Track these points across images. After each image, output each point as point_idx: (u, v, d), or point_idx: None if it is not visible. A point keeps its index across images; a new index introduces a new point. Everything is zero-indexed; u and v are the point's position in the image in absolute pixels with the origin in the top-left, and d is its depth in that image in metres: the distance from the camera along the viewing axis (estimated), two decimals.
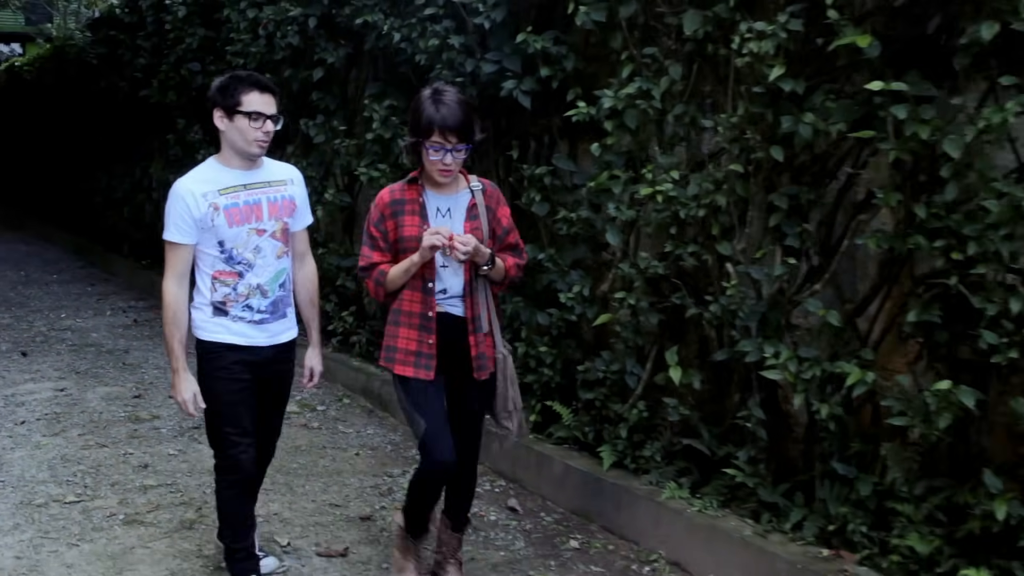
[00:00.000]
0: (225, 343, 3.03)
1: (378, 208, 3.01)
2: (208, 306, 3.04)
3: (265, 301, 3.06)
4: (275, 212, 3.07)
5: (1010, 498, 2.66)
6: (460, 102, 2.83)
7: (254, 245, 3.02)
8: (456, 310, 3.01)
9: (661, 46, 3.56)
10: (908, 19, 2.88)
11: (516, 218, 3.22)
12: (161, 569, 3.48)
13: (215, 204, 2.95)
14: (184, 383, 3.00)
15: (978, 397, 2.69)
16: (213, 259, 3.00)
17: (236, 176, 3.01)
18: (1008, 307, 2.53)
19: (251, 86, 2.95)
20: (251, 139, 2.94)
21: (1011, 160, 2.74)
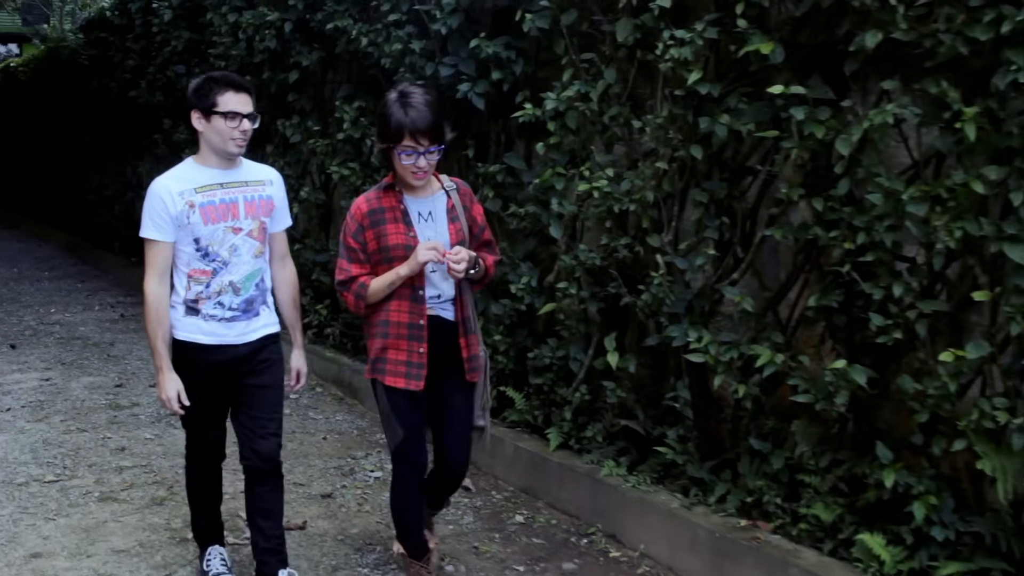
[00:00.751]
0: (196, 343, 3.05)
1: (355, 219, 2.96)
2: (181, 304, 3.06)
3: (237, 299, 3.07)
4: (252, 211, 3.08)
5: (899, 468, 2.91)
6: (428, 103, 2.81)
7: (230, 243, 3.04)
8: (447, 314, 3.01)
9: (598, 52, 3.82)
10: (813, 28, 3.14)
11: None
12: (131, 540, 3.74)
13: (191, 202, 2.97)
14: (168, 381, 3.01)
15: (870, 375, 2.95)
16: (189, 257, 3.02)
17: (213, 175, 3.04)
18: (892, 292, 2.78)
19: (226, 86, 2.98)
20: (228, 138, 2.97)
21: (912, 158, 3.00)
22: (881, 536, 2.98)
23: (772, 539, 3.26)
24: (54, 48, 12.30)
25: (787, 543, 3.21)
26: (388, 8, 4.99)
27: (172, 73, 8.13)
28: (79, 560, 3.57)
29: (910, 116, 2.72)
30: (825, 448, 3.22)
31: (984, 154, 2.59)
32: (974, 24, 2.51)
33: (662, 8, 3.37)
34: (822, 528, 3.18)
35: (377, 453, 4.80)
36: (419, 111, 2.77)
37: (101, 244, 11.25)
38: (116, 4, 9.71)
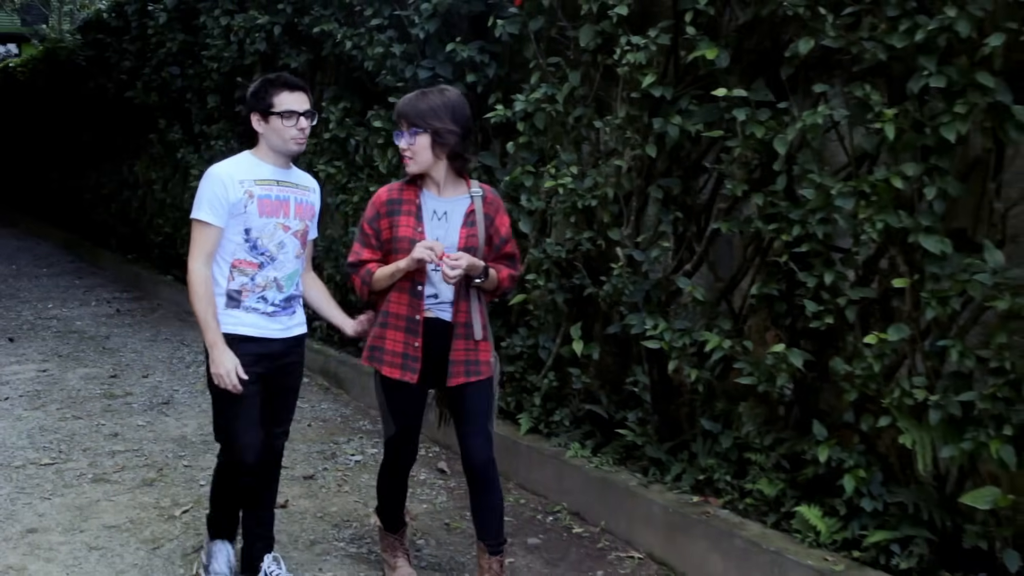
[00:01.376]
0: (237, 335, 3.04)
1: (374, 206, 3.06)
2: (223, 296, 3.06)
3: (280, 295, 3.10)
4: (300, 213, 3.13)
5: (832, 444, 3.15)
6: (418, 95, 2.97)
7: (279, 240, 3.08)
8: (445, 315, 3.05)
9: (564, 56, 4.05)
10: (759, 35, 3.37)
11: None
12: (122, 517, 3.98)
13: (250, 192, 3.01)
14: (224, 356, 2.97)
15: (807, 358, 3.18)
16: (236, 246, 3.04)
17: (271, 171, 3.09)
18: (824, 280, 3.02)
19: (281, 86, 3.03)
20: (288, 137, 3.02)
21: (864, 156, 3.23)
22: (818, 508, 3.21)
23: (721, 513, 3.49)
24: (52, 49, 12.54)
25: (734, 517, 3.45)
26: (371, 13, 5.23)
27: (167, 74, 8.36)
28: (72, 535, 3.81)
29: (839, 117, 2.95)
30: (770, 428, 3.45)
31: (904, 152, 2.82)
32: (892, 32, 2.74)
33: (620, 15, 3.60)
34: (766, 502, 3.41)
35: (359, 439, 5.04)
36: (408, 98, 2.99)
37: (98, 242, 11.49)
38: (113, 6, 9.95)
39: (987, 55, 2.57)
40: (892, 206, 2.82)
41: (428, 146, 2.94)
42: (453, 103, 2.97)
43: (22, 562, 3.57)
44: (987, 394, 2.67)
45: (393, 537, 3.41)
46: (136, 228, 10.03)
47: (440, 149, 2.95)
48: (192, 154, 8.15)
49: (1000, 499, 2.72)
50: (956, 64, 2.67)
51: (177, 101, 8.40)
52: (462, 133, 2.97)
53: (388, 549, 3.43)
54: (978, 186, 2.84)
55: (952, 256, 2.74)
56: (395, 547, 3.41)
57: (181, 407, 5.57)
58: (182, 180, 8.38)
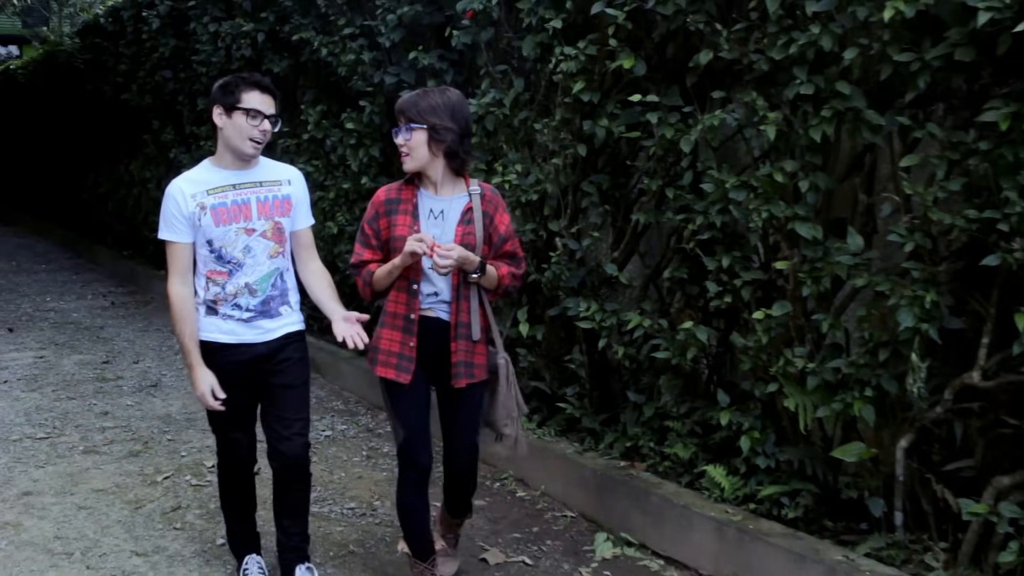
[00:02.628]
0: (216, 343, 3.08)
1: (373, 206, 3.07)
2: (202, 305, 3.11)
3: (254, 300, 3.09)
4: (265, 212, 3.08)
5: (732, 410, 3.58)
6: (419, 93, 2.99)
7: (243, 244, 3.05)
8: (443, 314, 3.05)
9: (510, 64, 4.49)
10: (676, 47, 3.81)
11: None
12: (109, 483, 4.43)
13: (202, 204, 3.00)
14: (200, 377, 3.03)
15: (711, 334, 3.62)
16: (205, 258, 3.07)
17: (226, 176, 3.05)
18: (722, 263, 3.46)
19: (252, 85, 2.99)
20: (246, 137, 2.97)
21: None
22: (723, 468, 3.65)
23: (644, 475, 3.93)
24: (51, 52, 13.02)
25: (654, 478, 3.89)
26: (343, 23, 5.68)
27: (160, 77, 8.83)
28: (63, 497, 4.26)
29: (732, 121, 3.39)
30: (685, 398, 3.89)
31: (784, 151, 3.26)
32: (772, 46, 3.18)
33: (555, 28, 4.04)
34: (681, 464, 3.85)
35: (331, 417, 5.48)
36: (409, 96, 3.00)
37: (96, 239, 11.96)
38: (109, 11, 10.42)
39: (847, 67, 3.00)
40: (776, 198, 3.25)
41: (425, 142, 2.94)
42: (453, 103, 2.97)
43: (18, 519, 4.02)
44: (851, 361, 3.10)
45: (423, 566, 3.24)
46: (131, 225, 10.50)
47: (436, 146, 2.94)
48: (184, 154, 8.60)
49: (864, 452, 3.16)
50: (826, 74, 3.10)
51: (169, 103, 8.86)
52: (460, 132, 2.96)
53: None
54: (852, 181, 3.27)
55: (824, 241, 3.17)
56: (426, 574, 3.26)
57: (168, 389, 6.02)
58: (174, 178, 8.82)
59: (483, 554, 3.75)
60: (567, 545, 3.85)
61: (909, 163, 2.89)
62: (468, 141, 3.02)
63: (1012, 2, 2.54)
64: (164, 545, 3.79)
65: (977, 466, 3.01)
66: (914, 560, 3.09)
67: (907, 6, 2.76)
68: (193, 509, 4.15)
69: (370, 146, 5.66)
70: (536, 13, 4.14)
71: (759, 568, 3.32)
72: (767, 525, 3.41)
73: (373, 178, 5.68)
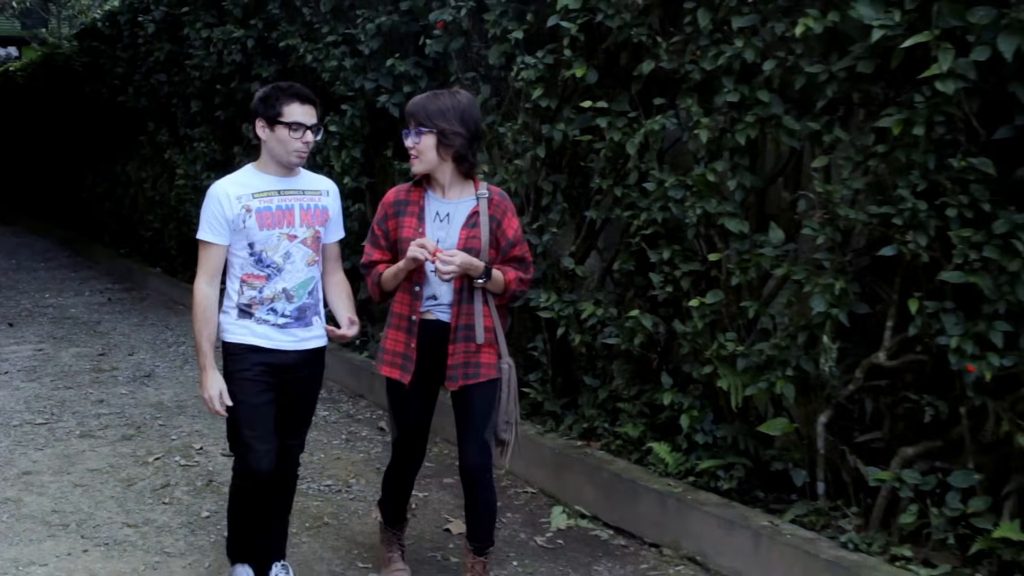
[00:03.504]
0: (248, 344, 3.09)
1: (383, 207, 3.15)
2: (234, 309, 3.12)
3: (290, 306, 3.11)
4: (307, 219, 3.12)
5: (675, 391, 3.92)
6: (430, 96, 3.07)
7: (284, 250, 3.09)
8: (443, 317, 3.10)
9: (478, 71, 4.83)
10: (628, 57, 4.14)
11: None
12: (103, 463, 4.77)
13: (247, 206, 3.04)
14: (211, 380, 3.05)
15: (655, 321, 3.95)
16: (243, 261, 3.09)
17: (271, 182, 3.09)
18: (663, 256, 3.79)
19: (292, 97, 3.03)
20: (291, 149, 3.01)
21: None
22: (667, 445, 3.99)
23: (598, 454, 4.26)
24: (50, 54, 13.38)
25: (607, 456, 4.22)
26: (327, 31, 6.02)
27: (155, 80, 9.17)
28: (61, 476, 4.60)
29: (671, 126, 3.72)
30: (635, 381, 4.23)
31: (716, 153, 3.59)
32: (704, 57, 3.51)
33: (517, 38, 4.38)
34: (631, 442, 4.18)
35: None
36: (417, 99, 3.09)
37: (94, 238, 12.31)
38: (106, 16, 10.77)
39: (768, 77, 3.34)
40: (709, 196, 3.58)
41: (433, 146, 2.98)
42: (463, 107, 3.01)
43: (18, 495, 4.36)
44: (774, 344, 3.44)
45: (391, 532, 3.48)
46: (128, 224, 10.85)
47: (445, 150, 2.99)
48: (178, 155, 8.95)
49: (787, 427, 3.49)
50: (752, 83, 3.44)
51: (164, 106, 9.20)
52: (469, 136, 2.99)
53: (386, 543, 3.50)
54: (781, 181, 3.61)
55: (751, 235, 3.51)
56: (391, 542, 3.49)
57: (161, 379, 6.36)
58: (169, 179, 9.19)
59: (447, 525, 4.08)
60: (526, 517, 4.19)
61: (820, 164, 3.22)
62: (477, 145, 3.07)
63: (902, 20, 2.87)
64: (153, 518, 4.13)
65: (885, 438, 3.34)
66: (832, 525, 3.43)
67: (816, 23, 3.10)
68: (181, 486, 4.49)
69: (352, 148, 5.99)
70: (500, 24, 4.48)
71: (695, 534, 3.66)
72: (704, 496, 3.75)
73: (355, 178, 6.02)
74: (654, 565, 3.72)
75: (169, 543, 3.88)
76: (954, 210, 2.87)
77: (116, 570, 3.64)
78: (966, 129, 2.91)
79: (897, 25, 2.88)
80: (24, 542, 3.88)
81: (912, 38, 2.84)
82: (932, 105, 2.85)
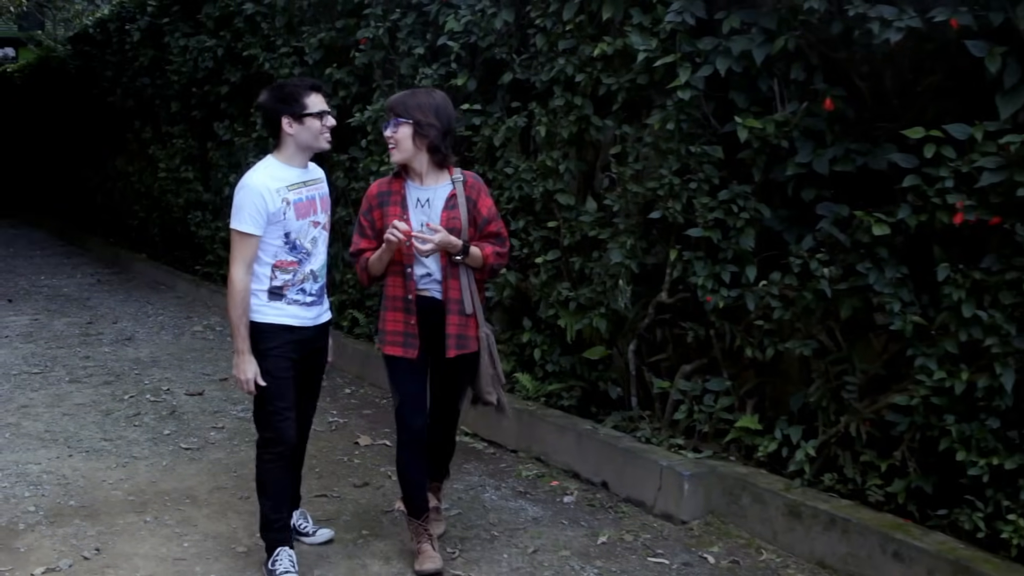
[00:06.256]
0: (280, 324, 3.36)
1: (367, 199, 3.43)
2: (264, 292, 3.36)
3: (316, 285, 3.43)
4: (324, 206, 3.46)
5: (531, 331, 5.11)
6: (408, 92, 3.44)
7: (312, 236, 3.40)
8: (435, 293, 3.41)
9: (394, 79, 6.05)
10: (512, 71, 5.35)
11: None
12: (86, 400, 5.99)
13: (287, 199, 3.30)
14: (247, 363, 3.30)
15: (520, 278, 5.15)
16: (276, 249, 3.34)
17: (298, 174, 3.38)
18: (519, 224, 5.00)
19: (310, 89, 3.33)
20: (320, 135, 3.33)
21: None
22: (529, 375, 5.19)
23: None
24: (45, 57, 14.65)
25: None
26: (281, 43, 7.25)
27: (140, 83, 10.41)
28: (52, 408, 5.82)
29: (522, 123, 4.93)
30: (509, 327, 5.43)
31: (553, 144, 4.79)
32: (541, 71, 4.72)
33: (419, 54, 5.59)
34: (506, 375, 5.34)
35: None
36: (399, 94, 3.48)
37: (86, 229, 13.57)
38: (98, 22, 12.03)
39: (583, 86, 4.54)
40: (549, 177, 4.79)
41: (410, 136, 3.28)
42: (438, 103, 3.34)
43: (18, 421, 5.58)
44: (592, 289, 4.64)
45: (418, 523, 3.63)
46: (117, 215, 12.10)
47: (421, 140, 3.29)
48: (160, 151, 10.18)
49: (603, 352, 4.70)
50: (580, 91, 4.64)
51: (148, 106, 10.44)
52: (442, 129, 3.31)
53: (415, 534, 3.65)
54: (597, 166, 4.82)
55: (576, 206, 4.71)
56: (420, 533, 3.63)
57: (139, 341, 7.59)
58: (152, 173, 10.43)
59: (356, 439, 5.29)
60: None
61: (615, 151, 4.43)
62: (450, 138, 3.39)
63: (657, 46, 4.07)
64: (125, 435, 5.35)
65: (670, 358, 4.54)
66: (639, 428, 4.62)
67: (609, 47, 4.31)
68: (149, 415, 5.71)
69: None
70: (408, 42, 5.70)
71: (540, 440, 4.86)
72: (550, 412, 4.95)
73: None
74: (510, 464, 4.92)
75: (136, 451, 5.09)
76: (695, 183, 4.07)
77: (94, 467, 4.85)
78: (705, 124, 4.11)
79: (654, 50, 4.08)
80: (23, 450, 5.09)
81: (663, 59, 4.04)
82: (679, 107, 4.04)
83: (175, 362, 6.92)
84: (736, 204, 3.98)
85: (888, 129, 3.62)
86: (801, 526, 3.79)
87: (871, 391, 3.79)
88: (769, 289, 3.90)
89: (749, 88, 3.94)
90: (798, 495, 3.86)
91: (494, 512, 4.29)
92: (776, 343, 4.00)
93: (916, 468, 3.63)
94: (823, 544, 3.72)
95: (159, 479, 4.66)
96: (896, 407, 3.62)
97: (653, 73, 4.17)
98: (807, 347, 3.87)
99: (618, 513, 4.28)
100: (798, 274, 3.80)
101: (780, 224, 3.99)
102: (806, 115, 3.76)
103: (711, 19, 3.97)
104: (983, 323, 3.29)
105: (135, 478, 4.66)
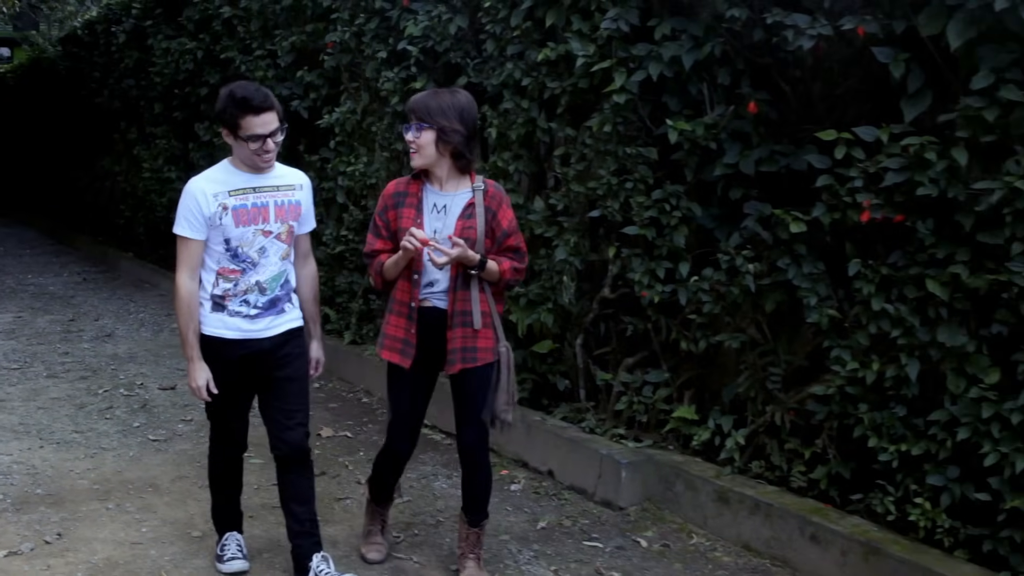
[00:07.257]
0: (221, 337, 3.27)
1: (383, 198, 3.34)
2: (208, 300, 3.28)
3: (263, 298, 3.28)
4: (281, 215, 3.27)
5: None
6: (431, 93, 3.28)
7: (259, 245, 3.25)
8: (440, 303, 3.29)
9: (360, 82, 6.26)
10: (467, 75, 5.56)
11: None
12: (62, 394, 6.21)
13: (224, 204, 3.17)
14: (198, 371, 3.25)
15: None
16: (219, 255, 3.24)
17: (246, 179, 3.23)
18: None
19: (245, 110, 3.10)
20: (255, 157, 3.19)
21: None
22: None
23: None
24: (36, 58, 14.89)
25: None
26: (256, 46, 7.47)
27: (125, 85, 10.64)
28: (28, 402, 6.04)
29: None
30: None
31: (504, 146, 5.00)
32: (492, 75, 4.92)
33: (382, 58, 5.80)
34: None
35: None
36: (417, 96, 3.32)
37: (76, 228, 13.81)
38: (86, 24, 12.27)
39: (529, 89, 4.74)
40: (500, 177, 4.99)
41: (432, 142, 3.17)
42: (462, 105, 3.19)
43: None
44: (539, 285, 4.84)
45: (376, 508, 3.74)
46: (104, 214, 12.34)
47: (444, 146, 3.18)
48: (144, 151, 10.41)
49: (550, 346, 4.90)
50: (528, 95, 4.84)
51: (134, 107, 10.67)
52: (467, 133, 3.18)
53: (369, 516, 3.76)
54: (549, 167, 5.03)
55: (525, 204, 4.92)
56: (375, 517, 3.76)
57: (119, 338, 7.82)
58: (138, 172, 10.66)
59: (319, 430, 5.50)
60: (381, 426, 5.59)
61: (559, 153, 4.63)
62: (475, 142, 3.26)
63: (595, 52, 4.27)
64: (96, 427, 5.57)
65: (615, 352, 4.75)
66: (585, 419, 4.82)
67: (552, 52, 4.51)
68: (121, 408, 5.92)
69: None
70: (372, 46, 5.91)
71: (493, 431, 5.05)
72: None
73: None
74: None
75: (105, 442, 5.31)
76: (632, 183, 4.28)
77: (63, 458, 5.06)
78: (641, 127, 4.31)
79: (592, 55, 4.29)
80: None
81: (600, 64, 4.25)
82: (615, 110, 4.25)
83: (151, 358, 7.14)
84: (669, 203, 4.18)
85: (811, 131, 3.82)
86: (729, 511, 4.00)
87: (795, 382, 4.00)
88: (700, 285, 4.10)
89: (681, 92, 4.14)
90: (727, 482, 4.07)
91: (442, 499, 4.50)
92: (708, 336, 4.20)
93: (836, 455, 3.84)
94: (749, 528, 3.92)
95: (124, 469, 4.87)
96: (816, 397, 3.83)
97: (592, 78, 4.38)
98: (736, 340, 4.07)
99: (561, 500, 4.49)
100: (727, 270, 4.01)
101: (712, 222, 4.19)
102: (733, 118, 3.96)
103: (645, 26, 4.17)
104: (891, 316, 3.49)
105: (101, 468, 4.88)
